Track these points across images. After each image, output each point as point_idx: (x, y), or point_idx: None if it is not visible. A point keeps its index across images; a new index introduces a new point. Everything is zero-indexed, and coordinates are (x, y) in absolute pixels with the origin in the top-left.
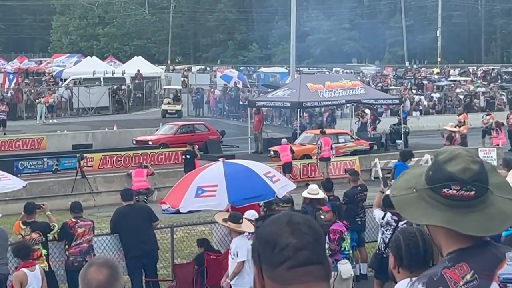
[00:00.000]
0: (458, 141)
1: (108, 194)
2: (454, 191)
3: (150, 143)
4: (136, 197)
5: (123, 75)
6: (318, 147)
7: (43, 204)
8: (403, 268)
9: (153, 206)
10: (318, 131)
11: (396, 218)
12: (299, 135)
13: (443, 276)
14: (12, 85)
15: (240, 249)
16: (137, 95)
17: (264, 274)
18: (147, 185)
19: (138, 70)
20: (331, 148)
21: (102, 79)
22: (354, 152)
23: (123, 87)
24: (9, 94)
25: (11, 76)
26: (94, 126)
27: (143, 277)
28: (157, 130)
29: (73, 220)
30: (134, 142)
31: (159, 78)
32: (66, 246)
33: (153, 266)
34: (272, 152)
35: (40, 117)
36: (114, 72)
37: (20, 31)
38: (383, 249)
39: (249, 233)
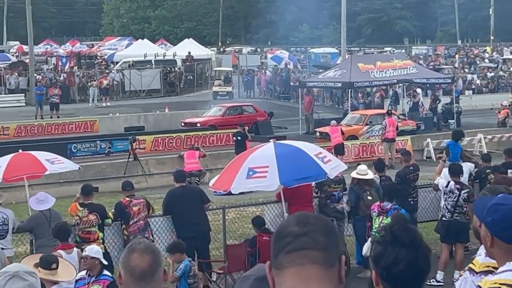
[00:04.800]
0: None
1: (160, 176)
2: None
3: (198, 125)
4: (188, 179)
5: (174, 57)
6: (383, 128)
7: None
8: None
9: (205, 188)
10: (364, 112)
11: (459, 187)
12: None
13: None
14: (66, 68)
15: None
16: (188, 77)
17: (271, 265)
18: (199, 167)
19: (189, 52)
20: (396, 129)
21: (153, 62)
22: (400, 133)
23: (174, 70)
24: (61, 78)
25: (64, 60)
26: (145, 109)
27: (196, 258)
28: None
29: (127, 199)
30: (182, 124)
31: (210, 60)
32: (123, 226)
33: (205, 247)
34: (318, 134)
35: (93, 100)
36: (165, 55)
37: (72, 14)
38: (446, 215)
39: (77, 280)
